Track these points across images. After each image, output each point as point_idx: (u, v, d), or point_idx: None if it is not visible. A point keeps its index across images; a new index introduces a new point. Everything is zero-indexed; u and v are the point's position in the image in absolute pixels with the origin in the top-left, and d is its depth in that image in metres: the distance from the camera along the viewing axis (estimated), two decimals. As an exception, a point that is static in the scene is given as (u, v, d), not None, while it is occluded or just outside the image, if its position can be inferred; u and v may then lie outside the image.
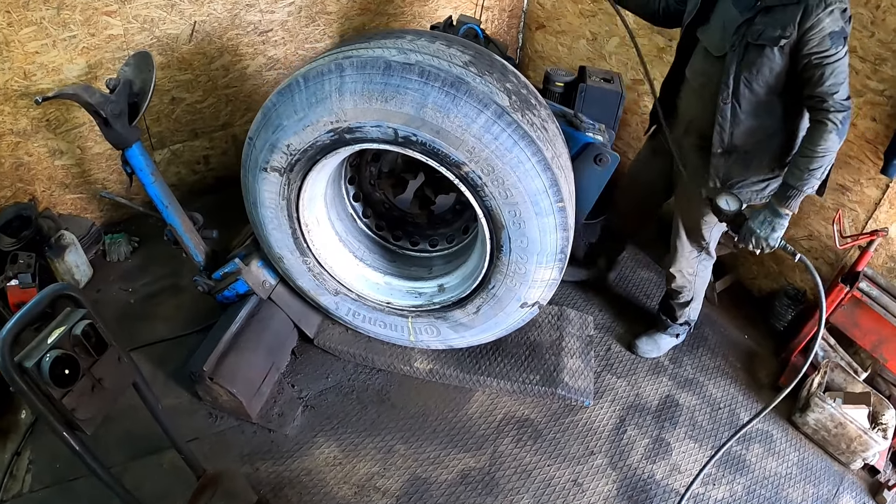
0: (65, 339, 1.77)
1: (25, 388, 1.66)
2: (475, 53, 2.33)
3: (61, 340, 1.76)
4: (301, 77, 2.26)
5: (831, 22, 2.09)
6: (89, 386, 1.85)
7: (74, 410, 1.80)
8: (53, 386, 1.70)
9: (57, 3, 2.92)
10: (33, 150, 3.23)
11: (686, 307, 3.16)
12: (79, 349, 1.80)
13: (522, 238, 2.37)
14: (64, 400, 1.74)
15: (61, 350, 1.74)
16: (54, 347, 1.73)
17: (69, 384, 1.75)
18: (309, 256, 2.72)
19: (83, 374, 1.81)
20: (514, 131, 2.16)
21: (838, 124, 2.16)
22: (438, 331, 2.81)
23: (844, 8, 2.12)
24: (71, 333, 1.80)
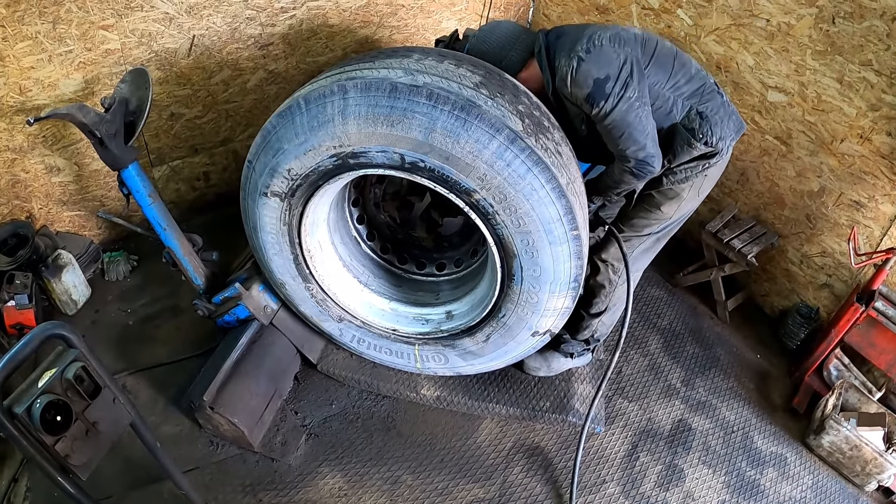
0: (56, 383, 1.65)
1: (16, 433, 1.55)
2: (486, 73, 2.17)
3: (52, 384, 1.65)
4: (302, 99, 2.10)
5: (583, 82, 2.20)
6: (83, 430, 1.74)
7: (68, 457, 1.70)
8: (45, 433, 1.58)
9: (52, 18, 2.76)
10: (30, 166, 3.07)
11: (596, 319, 2.80)
12: (71, 392, 1.68)
13: (535, 267, 2.21)
14: (57, 446, 1.63)
15: (52, 395, 1.62)
16: (45, 392, 1.61)
17: (62, 430, 1.63)
18: (312, 283, 2.56)
19: (76, 419, 1.69)
20: (527, 157, 2.00)
21: None
22: (446, 358, 2.65)
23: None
24: (63, 377, 1.65)
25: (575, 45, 2.14)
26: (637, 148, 2.19)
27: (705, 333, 3.35)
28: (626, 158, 2.23)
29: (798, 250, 3.30)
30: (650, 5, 3.47)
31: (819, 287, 3.29)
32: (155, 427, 2.70)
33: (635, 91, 2.13)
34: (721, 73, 3.30)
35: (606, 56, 2.12)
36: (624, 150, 2.21)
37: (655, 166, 2.25)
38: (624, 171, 2.28)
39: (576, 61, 2.11)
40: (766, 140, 3.26)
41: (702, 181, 2.43)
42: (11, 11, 2.65)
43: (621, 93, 2.10)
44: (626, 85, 2.11)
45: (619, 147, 2.21)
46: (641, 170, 2.25)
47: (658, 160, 2.25)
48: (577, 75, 2.12)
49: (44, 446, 1.59)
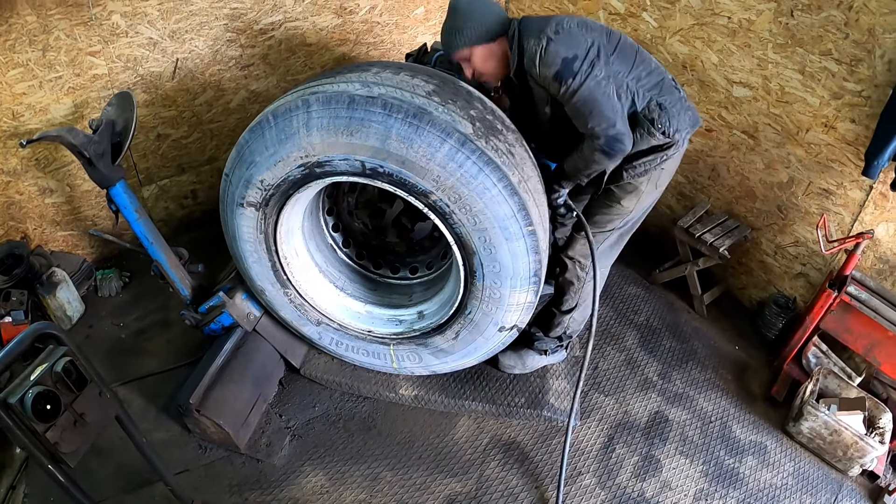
0: (46, 376, 1.87)
1: (10, 423, 1.76)
2: (440, 82, 2.39)
3: (43, 377, 1.88)
4: (270, 114, 2.33)
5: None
6: (71, 420, 1.96)
7: (58, 444, 1.92)
8: (36, 421, 1.80)
9: (42, 45, 3.03)
10: (24, 188, 3.33)
11: (567, 315, 2.96)
12: (60, 385, 1.90)
13: (494, 263, 2.40)
14: (47, 434, 1.84)
15: (43, 386, 1.85)
16: (36, 384, 1.83)
17: (51, 419, 1.85)
18: (290, 288, 2.77)
19: (65, 410, 1.92)
20: (478, 158, 2.21)
21: None
22: (420, 357, 2.84)
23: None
24: (52, 370, 1.89)
25: (545, 28, 2.31)
26: (607, 125, 2.34)
27: (683, 328, 3.53)
28: (596, 136, 2.36)
29: (772, 241, 3.48)
30: (616, 10, 3.70)
31: (794, 277, 3.45)
32: (146, 433, 2.90)
33: (601, 70, 2.30)
34: (687, 71, 3.51)
35: (574, 38, 2.30)
36: (594, 127, 2.35)
37: (626, 144, 2.39)
38: (594, 150, 2.39)
39: (545, 41, 2.28)
40: (734, 135, 3.45)
41: (659, 174, 2.62)
42: (3, 40, 2.93)
43: (588, 70, 2.28)
44: (592, 64, 2.28)
45: (589, 125, 2.35)
46: (612, 147, 2.38)
47: (629, 138, 2.40)
48: (545, 55, 2.29)
49: (35, 434, 1.81)
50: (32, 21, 2.97)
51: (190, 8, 3.30)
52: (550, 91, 2.40)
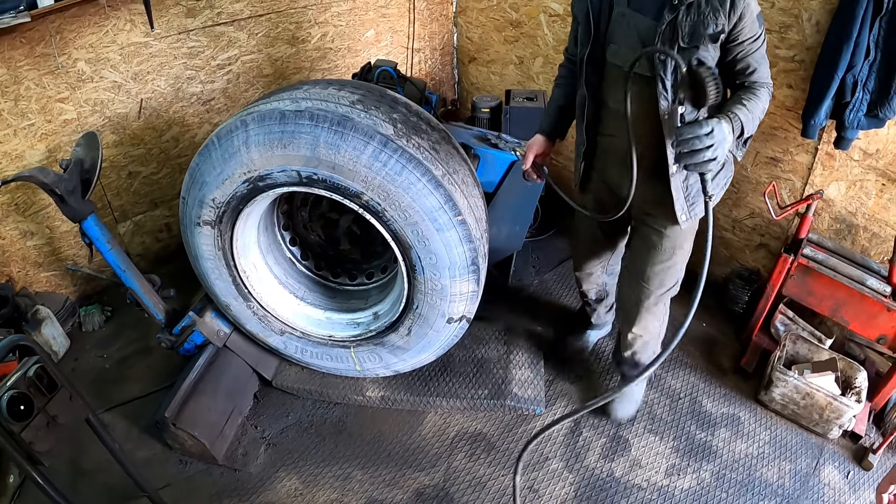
0: (20, 381, 2.21)
1: None
2: (365, 92, 2.72)
3: (17, 382, 2.20)
4: (215, 136, 2.69)
5: (755, 4, 2.18)
6: (44, 422, 2.29)
7: (32, 444, 2.22)
8: (12, 421, 2.11)
9: (14, 96, 3.43)
10: (5, 233, 3.71)
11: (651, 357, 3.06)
12: (33, 389, 2.23)
13: (430, 255, 2.70)
14: (23, 434, 2.15)
15: (16, 390, 2.15)
16: (10, 388, 2.14)
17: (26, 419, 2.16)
18: (252, 301, 3.09)
19: (38, 412, 2.24)
20: (400, 156, 2.53)
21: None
22: (380, 357, 3.13)
23: None
24: (25, 376, 2.19)
25: None
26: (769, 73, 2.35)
27: (647, 312, 3.74)
28: (768, 84, 2.32)
29: (728, 216, 3.72)
30: (555, 11, 4.01)
31: (755, 248, 3.68)
32: (130, 453, 3.23)
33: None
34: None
35: None
36: (765, 80, 2.31)
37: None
38: (767, 98, 2.31)
39: None
40: None
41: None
42: (-25, 93, 3.33)
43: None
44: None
45: (761, 75, 2.30)
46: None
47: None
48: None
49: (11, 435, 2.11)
50: (3, 73, 3.36)
51: (150, 50, 3.72)
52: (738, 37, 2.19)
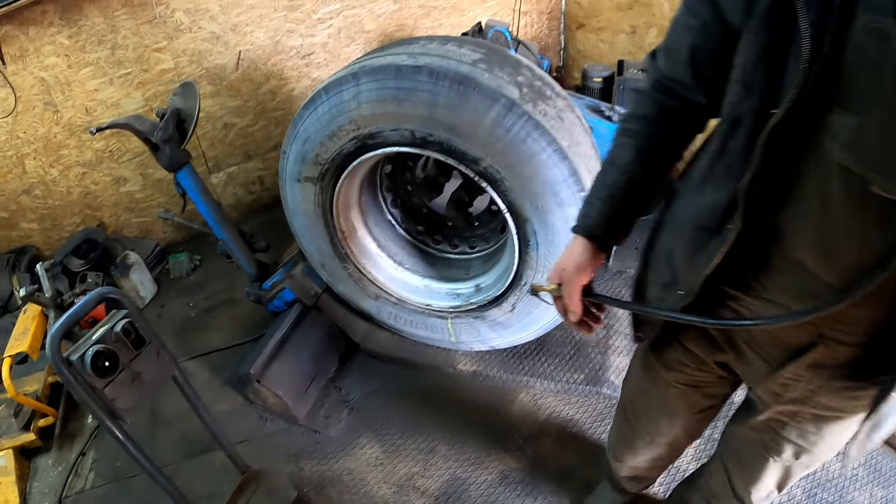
0: (107, 336, 1.96)
1: (72, 379, 1.85)
2: (487, 52, 2.40)
3: (104, 337, 1.95)
4: (322, 90, 2.39)
5: None
6: (129, 378, 2.02)
7: (115, 400, 1.98)
8: (95, 377, 1.88)
9: (111, 45, 3.22)
10: (99, 179, 3.55)
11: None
12: (120, 345, 1.98)
13: (547, 230, 2.39)
14: (105, 390, 1.92)
15: (102, 345, 1.92)
16: (97, 343, 1.91)
17: (110, 375, 1.93)
18: (348, 263, 2.84)
19: (123, 368, 1.99)
20: (525, 122, 2.20)
21: None
22: (478, 331, 2.85)
23: None
24: (112, 331, 1.98)
25: None
26: None
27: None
28: None
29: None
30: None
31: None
32: (210, 405, 3.00)
33: None
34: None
35: None
36: None
37: None
38: None
39: None
40: None
41: None
42: (74, 41, 3.14)
43: None
44: None
45: None
46: None
47: None
48: None
49: (94, 390, 1.92)
50: (100, 22, 3.16)
51: (249, 1, 3.42)
52: None
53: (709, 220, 1.24)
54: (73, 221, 3.65)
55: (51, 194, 3.52)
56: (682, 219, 1.38)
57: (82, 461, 2.88)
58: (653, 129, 1.41)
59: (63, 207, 3.58)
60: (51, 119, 3.31)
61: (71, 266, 3.50)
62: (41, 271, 3.03)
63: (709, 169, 1.24)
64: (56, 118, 3.32)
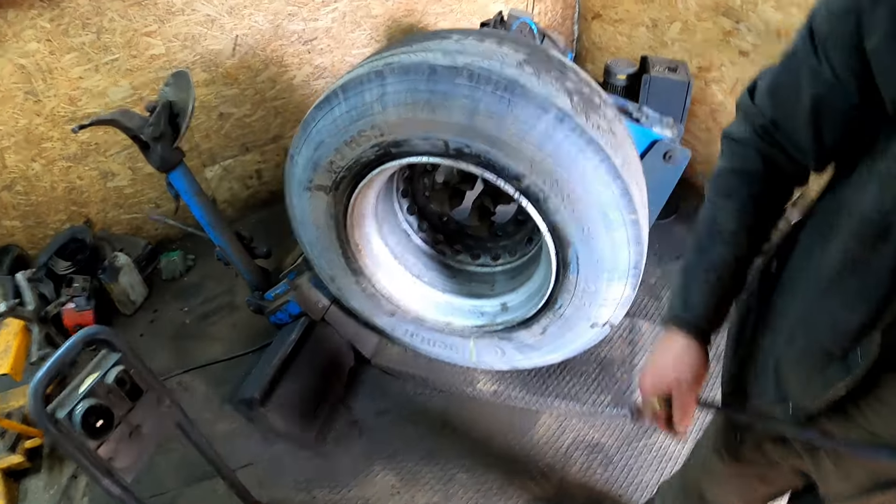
0: (98, 387, 1.61)
1: (60, 437, 1.51)
2: (530, 51, 2.00)
3: (94, 389, 1.59)
4: (339, 89, 1.98)
5: None
6: (126, 433, 1.70)
7: (112, 460, 1.63)
8: (86, 437, 1.55)
9: (96, 28, 2.76)
10: (85, 173, 3.10)
11: None
12: (113, 395, 1.63)
13: (591, 254, 2.03)
14: (100, 450, 1.58)
15: (93, 399, 1.57)
16: (87, 397, 1.56)
17: (104, 433, 1.58)
18: (361, 277, 2.45)
19: (118, 423, 1.64)
20: (578, 137, 1.83)
21: None
22: (503, 352, 2.50)
23: None
24: (104, 381, 1.61)
25: None
26: None
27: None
28: None
29: None
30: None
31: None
32: (210, 424, 2.68)
33: None
34: (781, 41, 3.00)
35: None
36: None
37: None
38: None
39: None
40: None
41: None
42: (56, 25, 2.66)
43: None
44: None
45: None
46: None
47: None
48: None
49: (87, 450, 1.55)
50: (84, 4, 2.70)
51: (249, -18, 2.97)
52: None
53: (831, 341, 0.92)
54: (58, 218, 3.19)
55: (34, 190, 3.05)
56: (791, 320, 1.04)
57: (74, 484, 2.52)
58: (758, 189, 1.09)
59: (47, 204, 3.12)
60: (32, 109, 2.83)
61: (56, 268, 3.06)
62: (23, 282, 2.59)
63: (836, 275, 0.90)
64: (38, 108, 2.84)
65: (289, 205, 2.38)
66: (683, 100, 3.01)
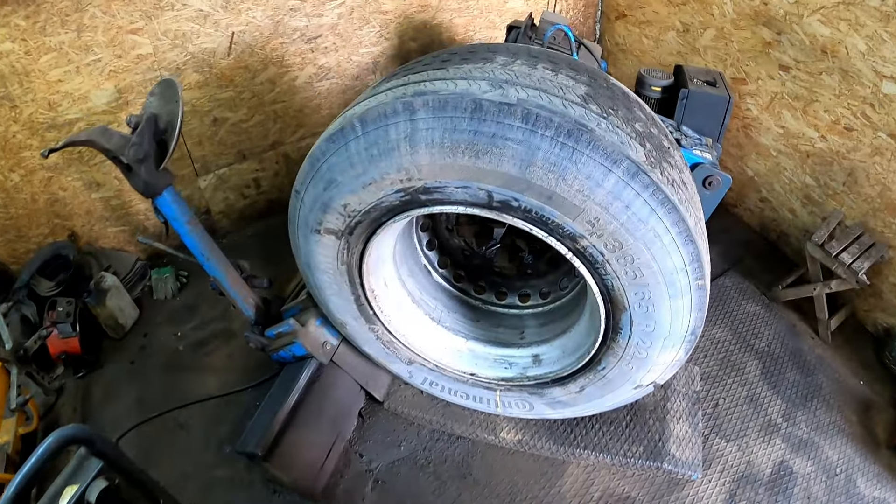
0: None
1: None
2: (590, 80, 1.51)
3: None
4: (357, 120, 1.48)
5: None
6: None
7: None
8: None
9: (76, 26, 2.20)
10: (67, 184, 2.57)
11: None
12: None
13: (648, 322, 1.59)
14: None
15: None
16: None
17: None
18: (376, 323, 1.99)
19: None
20: (651, 195, 1.37)
21: None
22: (531, 406, 2.08)
23: None
24: (85, 499, 1.16)
25: None
26: None
27: (806, 356, 2.66)
28: None
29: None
30: (749, -24, 2.67)
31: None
32: (209, 469, 2.23)
33: None
34: (828, 58, 2.52)
35: None
36: None
37: None
38: None
39: None
40: (879, 137, 2.47)
41: None
42: (32, 23, 2.10)
43: None
44: None
45: None
46: None
47: None
48: None
49: None
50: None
51: (246, -29, 2.39)
52: None
53: None
54: (40, 232, 2.65)
55: (13, 202, 2.51)
56: None
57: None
58: None
59: (28, 217, 2.58)
60: (8, 116, 2.30)
61: (39, 289, 2.55)
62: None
63: None
64: (14, 115, 2.30)
65: (293, 244, 1.89)
66: (722, 117, 2.53)
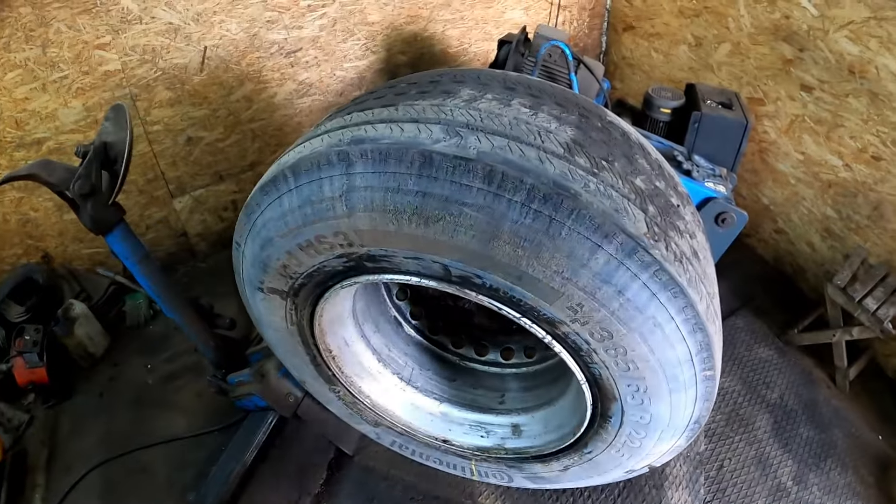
0: None
1: None
2: (580, 120, 1.13)
3: None
4: (289, 171, 1.12)
5: None
6: None
7: None
8: None
9: (41, 41, 1.91)
10: (39, 204, 2.28)
11: None
12: None
13: (643, 413, 1.22)
14: None
15: None
16: None
17: None
18: (337, 385, 1.62)
19: None
20: (651, 277, 0.98)
21: None
22: (510, 478, 1.72)
23: None
24: None
25: None
26: None
27: (821, 408, 2.22)
28: None
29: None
30: (770, -14, 2.21)
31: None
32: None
33: None
34: (855, 79, 2.06)
35: None
36: None
37: None
38: None
39: None
40: None
41: None
42: (-4, 39, 1.77)
43: None
44: None
45: None
46: None
47: None
48: None
49: None
50: (27, 13, 1.86)
51: (218, -19, 2.02)
52: None
53: None
54: (13, 253, 2.37)
55: (-16, 223, 2.21)
56: None
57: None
58: None
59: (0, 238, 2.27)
60: (-26, 136, 1.97)
61: (9, 315, 2.29)
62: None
63: None
64: (-19, 134, 1.98)
65: (242, 297, 1.53)
66: (738, 143, 2.10)
